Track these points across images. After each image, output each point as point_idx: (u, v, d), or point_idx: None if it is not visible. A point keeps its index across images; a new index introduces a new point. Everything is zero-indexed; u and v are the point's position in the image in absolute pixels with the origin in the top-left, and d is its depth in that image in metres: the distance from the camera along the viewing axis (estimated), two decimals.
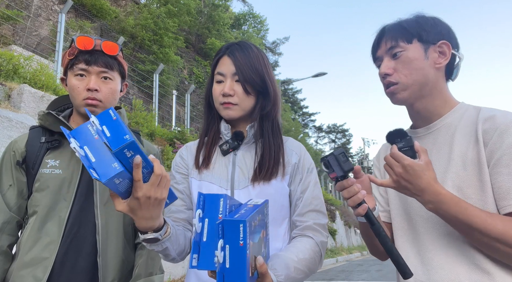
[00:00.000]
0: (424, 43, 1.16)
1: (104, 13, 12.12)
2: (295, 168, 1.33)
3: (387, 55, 1.19)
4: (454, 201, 0.98)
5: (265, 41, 28.84)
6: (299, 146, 1.40)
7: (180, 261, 1.27)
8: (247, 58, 1.31)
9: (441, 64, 1.16)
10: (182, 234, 1.22)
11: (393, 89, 1.17)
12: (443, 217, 1.01)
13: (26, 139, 1.49)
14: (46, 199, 1.40)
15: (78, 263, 1.38)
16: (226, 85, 1.29)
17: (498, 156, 1.01)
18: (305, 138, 33.70)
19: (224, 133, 1.36)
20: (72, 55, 1.45)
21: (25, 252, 1.37)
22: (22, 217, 1.45)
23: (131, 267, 1.49)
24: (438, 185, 1.00)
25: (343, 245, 21.30)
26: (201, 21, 17.99)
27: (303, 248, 1.20)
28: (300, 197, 1.31)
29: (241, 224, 0.87)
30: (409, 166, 0.99)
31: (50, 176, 1.42)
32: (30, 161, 1.45)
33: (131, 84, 12.45)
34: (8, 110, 4.60)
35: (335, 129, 50.06)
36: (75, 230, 1.39)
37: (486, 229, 0.95)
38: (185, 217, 1.34)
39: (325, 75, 18.81)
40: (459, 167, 1.07)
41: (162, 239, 1.07)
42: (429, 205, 1.01)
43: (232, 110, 1.30)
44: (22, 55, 6.23)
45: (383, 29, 1.23)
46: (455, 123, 1.15)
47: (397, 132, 1.10)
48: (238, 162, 1.32)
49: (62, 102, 1.62)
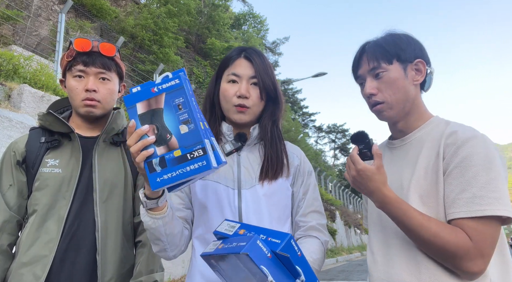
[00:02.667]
0: (403, 62, 1.22)
1: (104, 13, 12.12)
2: (297, 170, 1.40)
3: (370, 76, 1.25)
4: (397, 203, 1.10)
5: (265, 41, 28.83)
6: (298, 150, 1.47)
7: (172, 258, 1.27)
8: (264, 65, 1.32)
9: (418, 81, 1.24)
10: (180, 227, 1.24)
11: (379, 107, 1.24)
12: (388, 215, 1.14)
13: (26, 140, 1.51)
14: (45, 198, 1.42)
15: (77, 260, 1.39)
16: (242, 87, 1.29)
17: (451, 168, 1.11)
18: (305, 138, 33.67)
19: (227, 134, 1.35)
20: (70, 57, 1.48)
21: (24, 250, 1.38)
22: (22, 217, 1.46)
23: (130, 265, 1.51)
24: (386, 188, 1.12)
25: (343, 245, 21.30)
26: (201, 21, 17.99)
27: (314, 249, 1.29)
28: (302, 198, 1.38)
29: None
30: (362, 170, 1.12)
31: (49, 175, 1.44)
32: (30, 161, 1.47)
33: (131, 84, 12.45)
34: (8, 110, 4.60)
35: (335, 129, 50.00)
36: (74, 227, 1.41)
37: (421, 231, 1.07)
38: (183, 216, 1.33)
39: (325, 75, 18.80)
40: (421, 177, 1.17)
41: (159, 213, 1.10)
42: (376, 204, 1.14)
43: (245, 115, 1.31)
44: (22, 55, 6.23)
45: (363, 48, 1.28)
46: (424, 137, 1.24)
47: (360, 134, 1.19)
48: (243, 162, 1.34)
49: (62, 104, 1.64)
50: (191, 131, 0.93)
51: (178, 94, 0.94)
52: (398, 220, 1.11)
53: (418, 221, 1.08)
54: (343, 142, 50.26)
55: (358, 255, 21.39)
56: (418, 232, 1.08)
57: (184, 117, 0.93)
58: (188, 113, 0.93)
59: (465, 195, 1.07)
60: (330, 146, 50.15)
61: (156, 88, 0.94)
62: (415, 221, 1.08)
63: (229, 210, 1.27)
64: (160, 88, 0.94)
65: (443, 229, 1.07)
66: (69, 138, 1.51)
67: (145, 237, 1.53)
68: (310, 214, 1.36)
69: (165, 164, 0.93)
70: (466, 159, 1.09)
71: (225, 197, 1.28)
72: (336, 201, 24.39)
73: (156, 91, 0.94)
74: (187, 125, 0.93)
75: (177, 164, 0.93)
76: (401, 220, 1.10)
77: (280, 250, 0.88)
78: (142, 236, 1.54)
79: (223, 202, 1.28)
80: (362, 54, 1.28)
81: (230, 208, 1.27)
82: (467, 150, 1.10)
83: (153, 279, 1.48)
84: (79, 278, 1.39)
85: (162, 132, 0.95)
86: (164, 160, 0.94)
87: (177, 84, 0.94)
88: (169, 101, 0.94)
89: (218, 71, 1.38)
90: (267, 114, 1.36)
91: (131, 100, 0.97)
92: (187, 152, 0.92)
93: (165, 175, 0.93)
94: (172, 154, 0.93)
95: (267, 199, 1.29)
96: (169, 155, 0.94)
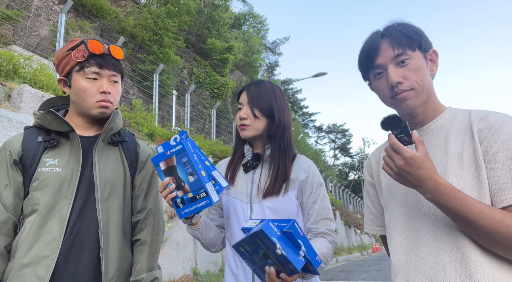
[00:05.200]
0: (423, 51, 1.19)
1: (104, 13, 12.11)
2: (303, 183, 1.59)
3: (392, 63, 1.17)
4: (453, 192, 1.01)
5: (265, 41, 28.85)
6: (308, 164, 1.65)
7: (215, 252, 1.71)
8: (258, 90, 1.65)
9: (434, 71, 1.21)
10: (215, 232, 1.63)
11: (405, 95, 1.16)
12: (442, 207, 1.03)
13: (21, 139, 1.49)
14: (46, 198, 1.41)
15: (81, 259, 1.40)
16: (242, 111, 1.63)
17: (493, 152, 1.05)
18: (305, 138, 33.67)
19: (247, 154, 1.67)
20: (82, 58, 1.48)
21: (24, 251, 1.37)
22: (18, 218, 1.44)
23: (129, 264, 1.53)
24: (438, 176, 1.02)
25: (343, 245, 21.30)
26: (201, 21, 17.99)
27: (321, 245, 1.50)
28: (311, 207, 1.58)
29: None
30: (410, 158, 1.01)
31: (49, 175, 1.43)
32: (27, 160, 1.45)
33: (131, 84, 12.45)
34: (8, 110, 4.60)
35: (335, 129, 50.01)
36: (77, 226, 1.41)
37: (484, 220, 0.98)
38: (219, 223, 1.71)
39: (325, 75, 18.81)
40: (457, 165, 1.10)
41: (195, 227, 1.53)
42: (428, 194, 1.03)
43: (245, 131, 1.62)
44: (22, 55, 6.23)
45: (379, 35, 1.20)
46: (447, 125, 1.18)
47: (392, 118, 1.09)
48: (255, 180, 1.62)
49: (54, 102, 1.63)
50: (196, 180, 1.34)
51: (183, 155, 1.35)
52: (455, 210, 1.01)
53: (480, 209, 0.98)
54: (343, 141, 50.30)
55: (358, 255, 21.40)
56: (480, 222, 0.98)
57: (190, 170, 1.35)
58: (192, 168, 1.34)
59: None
60: (330, 146, 50.23)
61: (169, 152, 1.36)
62: (477, 209, 0.98)
63: (243, 220, 1.57)
64: (171, 152, 1.36)
65: (507, 217, 0.98)
66: (66, 137, 1.51)
67: (144, 236, 1.55)
68: (320, 221, 1.57)
69: (184, 202, 1.37)
70: (510, 140, 1.03)
71: (240, 210, 1.60)
72: (336, 201, 24.39)
73: (169, 154, 1.36)
74: (193, 176, 1.35)
75: (191, 202, 1.36)
76: (460, 210, 1.00)
77: (286, 229, 1.20)
78: (141, 235, 1.56)
79: (239, 214, 1.59)
80: (380, 41, 1.19)
81: (244, 218, 1.58)
82: (507, 132, 1.04)
83: (154, 276, 1.52)
84: (84, 277, 1.39)
85: (179, 181, 1.37)
86: (183, 200, 1.37)
87: (181, 148, 1.35)
88: (179, 160, 1.36)
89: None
90: (275, 136, 1.62)
91: (156, 161, 1.38)
92: (196, 194, 1.35)
93: (186, 209, 1.37)
94: (187, 195, 1.36)
95: (272, 211, 1.55)
96: (186, 196, 1.36)
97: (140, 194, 1.60)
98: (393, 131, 1.07)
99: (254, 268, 1.29)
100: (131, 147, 1.63)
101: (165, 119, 13.02)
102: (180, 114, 14.13)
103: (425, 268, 1.10)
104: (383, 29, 1.21)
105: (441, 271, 1.06)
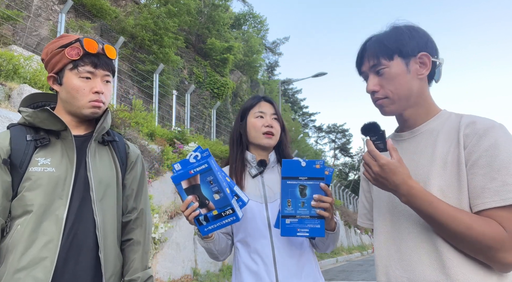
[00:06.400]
0: (405, 57, 1.20)
1: (104, 13, 12.11)
2: None
3: (371, 72, 1.24)
4: (425, 196, 1.07)
5: (265, 41, 28.83)
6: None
7: (222, 260, 1.75)
8: (276, 106, 1.84)
9: (423, 74, 1.23)
10: (225, 241, 1.71)
11: (381, 102, 1.24)
12: (415, 209, 1.10)
13: (8, 137, 1.42)
14: (40, 198, 1.36)
15: (80, 260, 1.39)
16: (268, 120, 1.77)
17: (475, 157, 1.09)
18: (305, 138, 33.67)
19: (251, 161, 1.78)
20: (77, 56, 1.44)
21: (19, 254, 1.31)
22: (5, 220, 1.38)
23: (121, 263, 1.54)
24: (412, 180, 1.09)
25: (343, 245, 21.29)
26: (201, 21, 17.98)
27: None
28: None
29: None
30: (385, 165, 1.09)
31: (42, 175, 1.38)
32: (17, 160, 1.39)
33: (131, 84, 12.46)
34: (8, 110, 4.60)
35: (335, 129, 49.99)
36: (75, 227, 1.39)
37: (453, 223, 1.04)
38: (225, 231, 1.76)
39: (325, 75, 18.84)
40: (440, 168, 1.14)
41: (210, 240, 1.60)
42: (402, 198, 1.11)
43: (272, 140, 1.76)
44: (22, 55, 6.24)
45: (364, 46, 1.27)
46: (438, 128, 1.22)
47: (372, 125, 1.16)
48: (266, 182, 1.75)
49: (36, 99, 1.58)
50: (222, 198, 1.37)
51: (209, 174, 1.36)
52: (426, 213, 1.07)
53: (450, 213, 1.04)
54: (343, 141, 50.28)
55: (358, 255, 21.39)
56: (449, 225, 1.04)
57: (215, 189, 1.37)
58: (218, 186, 1.36)
59: (495, 183, 1.03)
60: (330, 146, 50.21)
61: (193, 171, 1.36)
62: (446, 213, 1.04)
63: (259, 218, 1.66)
64: (195, 170, 1.36)
65: (476, 220, 1.03)
66: (56, 136, 1.47)
67: (137, 235, 1.56)
68: None
69: (208, 219, 1.41)
70: (492, 147, 1.06)
71: (256, 210, 1.67)
72: (336, 201, 24.39)
73: (192, 173, 1.36)
74: (219, 194, 1.37)
75: (216, 219, 1.40)
76: (430, 212, 1.06)
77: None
78: (133, 234, 1.56)
79: (255, 213, 1.67)
80: (364, 53, 1.27)
81: (260, 217, 1.66)
82: (490, 139, 1.07)
83: (148, 274, 1.54)
84: (84, 277, 1.38)
85: (202, 199, 1.39)
86: (207, 217, 1.40)
87: (207, 167, 1.35)
88: (203, 179, 1.37)
89: (242, 113, 1.85)
90: (282, 143, 1.82)
91: (177, 179, 1.37)
92: (221, 211, 1.39)
93: (210, 226, 1.42)
94: (212, 213, 1.39)
95: None
96: (210, 214, 1.40)
97: (131, 194, 1.60)
98: (371, 137, 1.15)
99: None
100: (121, 147, 1.62)
101: (165, 119, 13.02)
102: (180, 114, 14.12)
103: (404, 262, 1.16)
104: (369, 38, 1.28)
105: (418, 266, 1.13)
